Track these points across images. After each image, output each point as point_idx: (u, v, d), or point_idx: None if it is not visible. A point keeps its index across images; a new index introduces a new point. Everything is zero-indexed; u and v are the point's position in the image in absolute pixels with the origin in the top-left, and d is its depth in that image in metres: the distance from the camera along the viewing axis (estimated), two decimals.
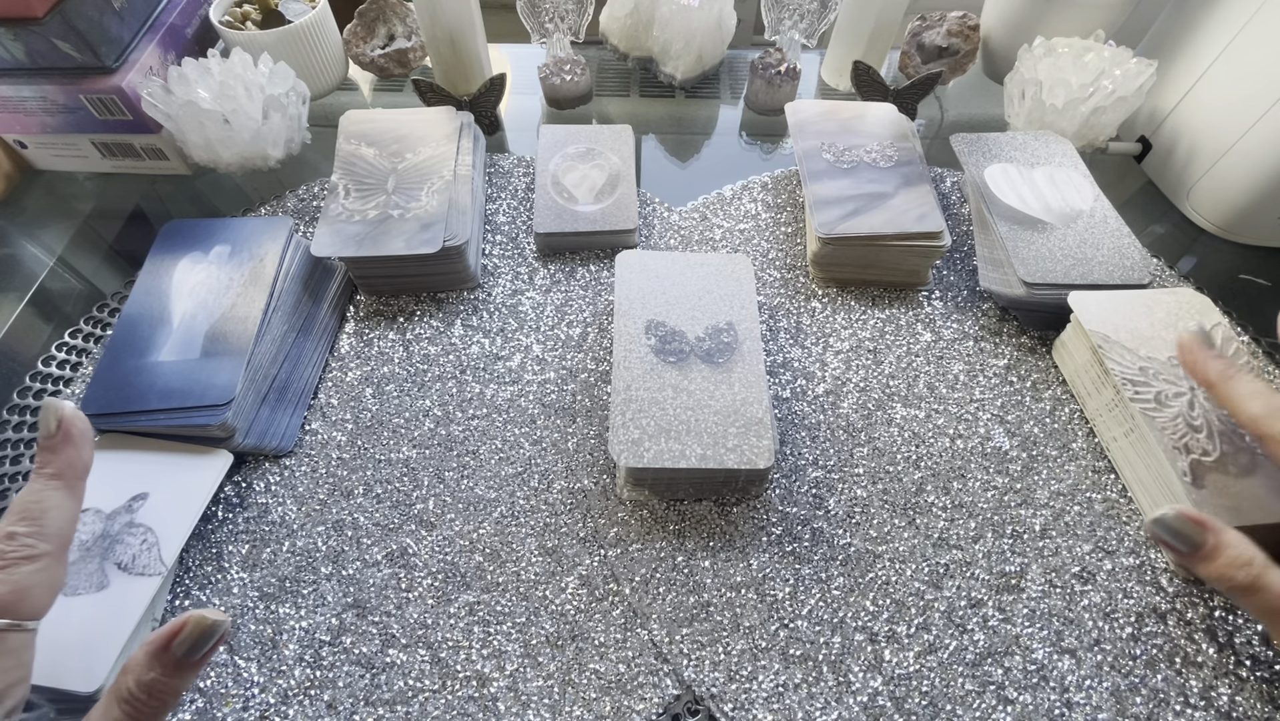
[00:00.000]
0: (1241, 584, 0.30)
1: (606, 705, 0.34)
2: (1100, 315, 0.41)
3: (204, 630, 0.26)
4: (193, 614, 0.26)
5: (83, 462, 0.29)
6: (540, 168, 0.52)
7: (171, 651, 0.25)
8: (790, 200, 0.55)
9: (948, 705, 0.34)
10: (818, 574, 0.37)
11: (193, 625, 0.25)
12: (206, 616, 0.26)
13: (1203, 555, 0.31)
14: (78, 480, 0.29)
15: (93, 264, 0.53)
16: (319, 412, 0.43)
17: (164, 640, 0.25)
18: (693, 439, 0.37)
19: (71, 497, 0.28)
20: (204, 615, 0.26)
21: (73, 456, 0.28)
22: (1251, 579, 0.30)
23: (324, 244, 0.45)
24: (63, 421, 0.28)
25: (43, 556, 0.26)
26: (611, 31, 0.65)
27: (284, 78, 0.52)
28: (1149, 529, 0.32)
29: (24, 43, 0.48)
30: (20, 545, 0.26)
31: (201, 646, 0.26)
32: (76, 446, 0.29)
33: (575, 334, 0.47)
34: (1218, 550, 0.31)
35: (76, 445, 0.29)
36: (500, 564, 0.38)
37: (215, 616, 0.26)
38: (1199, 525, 0.31)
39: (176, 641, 0.25)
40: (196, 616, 0.26)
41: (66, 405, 0.29)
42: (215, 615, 0.26)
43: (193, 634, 0.25)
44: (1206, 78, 0.51)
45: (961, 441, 0.42)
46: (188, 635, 0.25)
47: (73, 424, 0.29)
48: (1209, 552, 0.31)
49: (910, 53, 0.64)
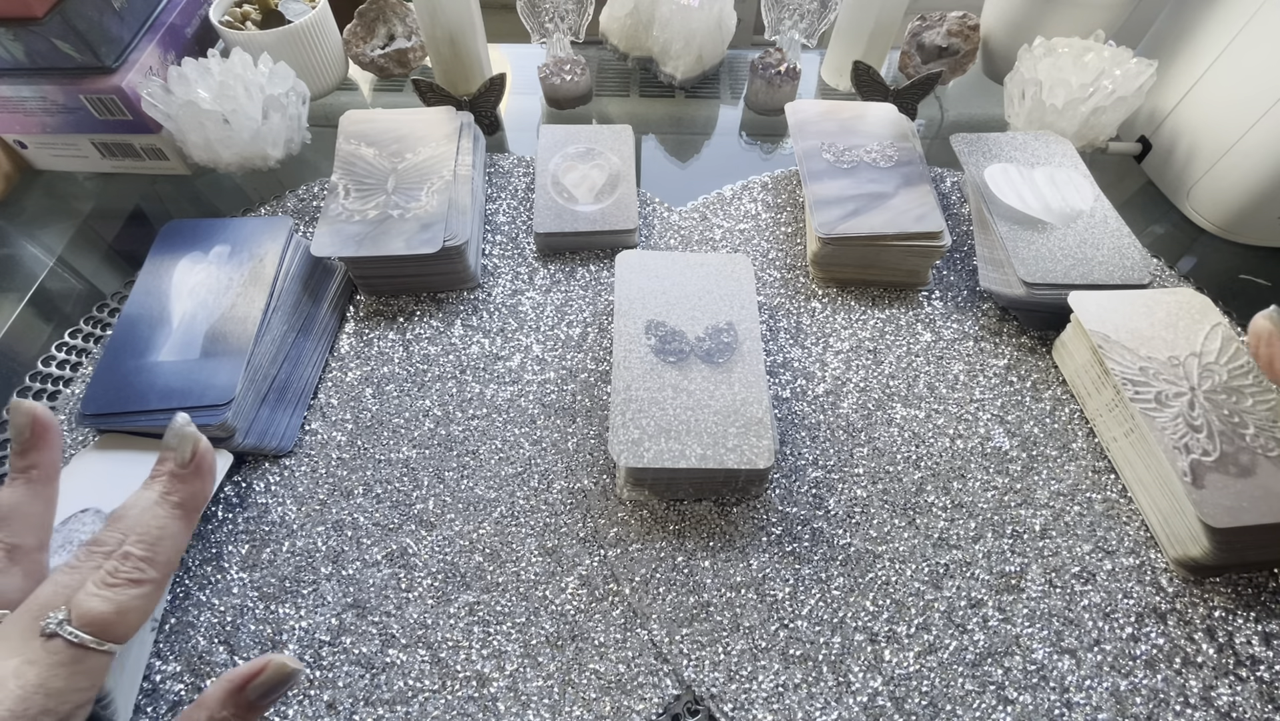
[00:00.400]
0: None
1: (606, 705, 0.34)
2: (1100, 315, 0.41)
3: (283, 676, 0.25)
4: (274, 658, 0.25)
5: (204, 497, 0.29)
6: (540, 168, 0.52)
7: (247, 693, 0.25)
8: (790, 200, 0.55)
9: (948, 705, 0.34)
10: (818, 574, 0.37)
11: (273, 670, 0.25)
12: (287, 664, 0.26)
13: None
14: (196, 513, 0.29)
15: (93, 264, 0.53)
16: (319, 412, 0.43)
17: (241, 680, 0.25)
18: (693, 439, 0.37)
19: (186, 530, 0.28)
20: (285, 662, 0.26)
21: (200, 490, 0.29)
22: None
23: (324, 244, 0.45)
24: (198, 454, 0.28)
25: (148, 584, 0.26)
26: (611, 31, 0.65)
27: (284, 78, 0.52)
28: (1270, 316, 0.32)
29: (24, 43, 0.48)
30: (133, 566, 0.26)
31: (276, 691, 0.26)
32: (204, 482, 0.29)
33: (575, 334, 0.47)
34: None
35: (204, 480, 0.29)
36: (500, 564, 0.38)
37: (295, 665, 0.26)
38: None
39: (253, 685, 0.25)
40: (278, 662, 0.25)
41: (202, 437, 0.29)
42: (295, 663, 0.26)
43: (272, 680, 0.25)
44: (1206, 78, 0.51)
45: (961, 441, 0.42)
46: (266, 680, 0.25)
47: (205, 457, 0.29)
48: None
49: (910, 53, 0.64)
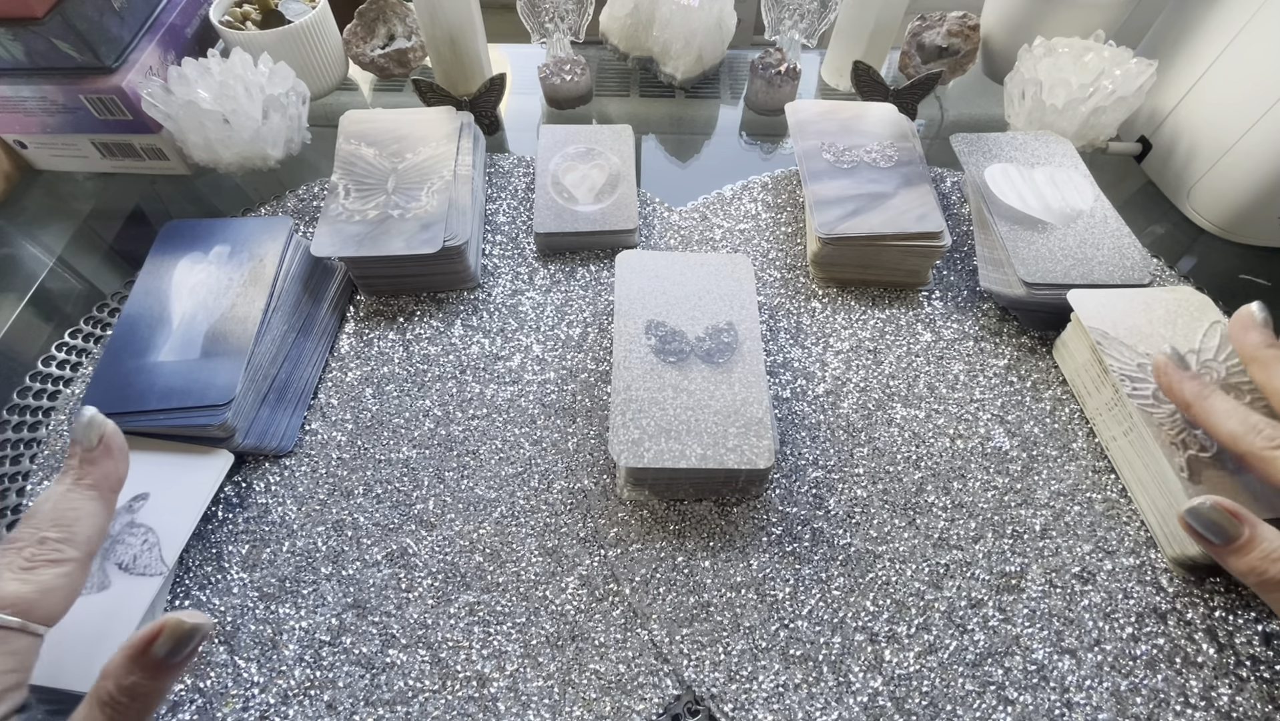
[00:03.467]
0: (1274, 578, 0.29)
1: (606, 705, 0.34)
2: (1099, 312, 0.41)
3: (182, 634, 0.25)
4: (169, 617, 0.25)
5: (119, 476, 0.30)
6: (540, 168, 0.52)
7: (151, 654, 0.25)
8: (790, 200, 0.55)
9: (948, 705, 0.34)
10: (818, 574, 0.37)
11: (170, 629, 0.25)
12: (184, 621, 0.25)
13: (1236, 548, 0.30)
14: (111, 493, 0.30)
15: (93, 264, 0.53)
16: (319, 412, 0.43)
17: (143, 643, 0.25)
18: (693, 439, 0.37)
19: (104, 509, 0.29)
20: (181, 619, 0.25)
21: (111, 469, 0.30)
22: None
23: (324, 244, 0.45)
24: (104, 436, 0.30)
25: (69, 562, 0.27)
26: (611, 31, 0.65)
27: (284, 78, 0.52)
28: (1182, 518, 0.31)
29: (24, 43, 0.48)
30: (50, 549, 0.27)
31: (182, 649, 0.25)
32: (115, 460, 0.30)
33: (575, 334, 0.47)
34: (1252, 543, 0.30)
35: (115, 459, 0.30)
36: (500, 564, 0.38)
37: (193, 620, 0.25)
38: (1234, 517, 0.30)
39: (156, 644, 0.25)
40: (174, 621, 0.25)
41: (108, 421, 0.30)
42: (194, 618, 0.25)
43: (171, 637, 0.25)
44: (1206, 78, 0.51)
45: (962, 441, 0.42)
46: (166, 639, 0.25)
47: (113, 439, 0.30)
48: (1243, 546, 0.30)
49: (910, 53, 0.64)
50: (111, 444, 0.30)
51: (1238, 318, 0.37)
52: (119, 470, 0.30)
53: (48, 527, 0.27)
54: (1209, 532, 0.31)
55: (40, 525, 0.27)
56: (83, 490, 0.29)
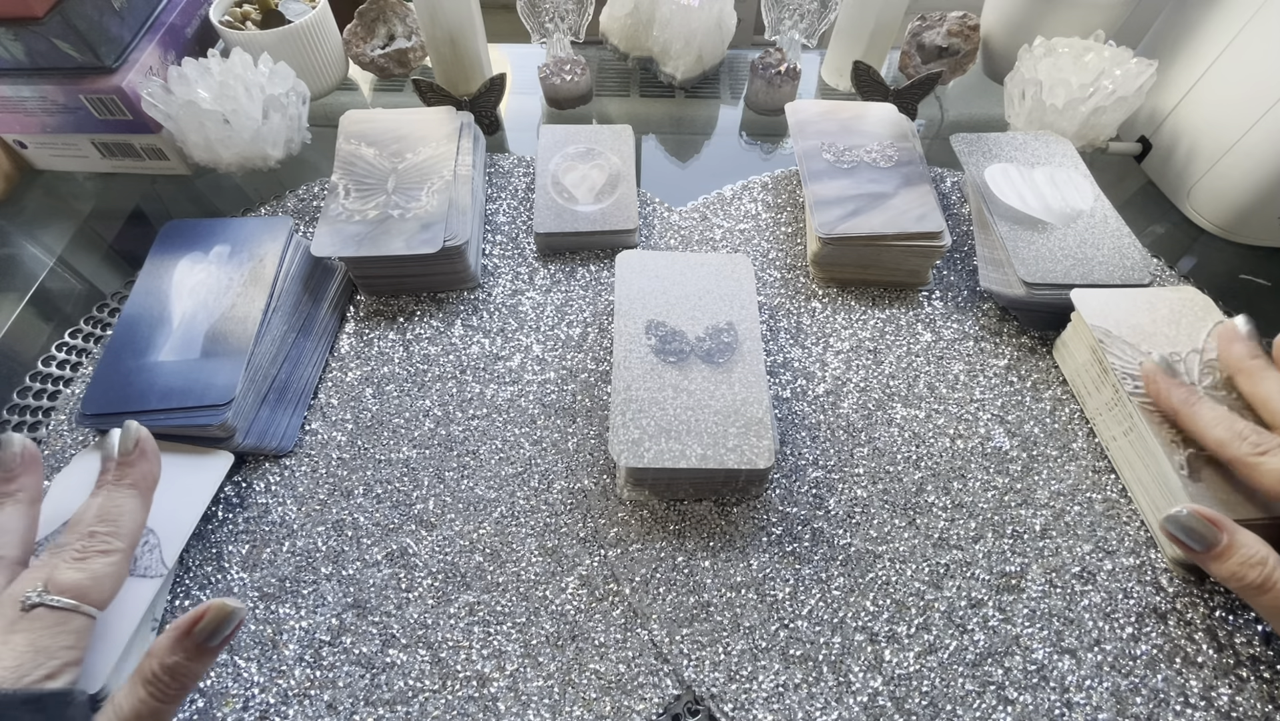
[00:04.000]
0: (1253, 583, 0.30)
1: (606, 705, 0.34)
2: (1102, 311, 0.41)
3: (224, 616, 0.28)
4: (214, 602, 0.28)
5: (154, 475, 0.34)
6: (540, 168, 0.52)
7: (194, 636, 0.27)
8: (790, 200, 0.55)
9: (948, 705, 0.34)
10: (818, 574, 0.37)
11: (214, 612, 0.28)
12: (227, 604, 0.28)
13: (1216, 554, 0.31)
14: (149, 490, 0.33)
15: (93, 264, 0.53)
16: (319, 412, 0.43)
17: (187, 625, 0.28)
18: (693, 439, 0.37)
19: (143, 506, 0.33)
20: (225, 603, 0.28)
21: (147, 470, 0.33)
22: (1264, 578, 0.30)
23: (324, 244, 0.45)
24: (140, 441, 0.33)
25: (116, 552, 0.30)
26: (611, 31, 0.65)
27: (284, 78, 0.52)
28: (1162, 526, 0.33)
29: (24, 43, 0.48)
30: (100, 541, 0.30)
31: (221, 631, 0.28)
32: (150, 462, 0.34)
33: (575, 334, 0.47)
34: (1231, 549, 0.31)
35: (150, 460, 0.34)
36: (500, 564, 0.38)
37: (234, 604, 0.28)
38: (1213, 524, 0.31)
39: (199, 627, 0.28)
40: (218, 604, 0.28)
41: (142, 427, 0.34)
42: (234, 602, 0.28)
43: (215, 620, 0.28)
44: (1206, 78, 0.51)
45: (961, 441, 0.42)
46: (210, 621, 0.28)
47: (147, 442, 0.34)
48: (1222, 551, 0.31)
49: (910, 53, 0.64)
50: (146, 447, 0.34)
51: (1223, 331, 0.38)
52: (154, 470, 0.34)
53: (96, 524, 0.30)
54: (1188, 539, 0.32)
55: (90, 522, 0.30)
56: (124, 489, 0.32)
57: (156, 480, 0.34)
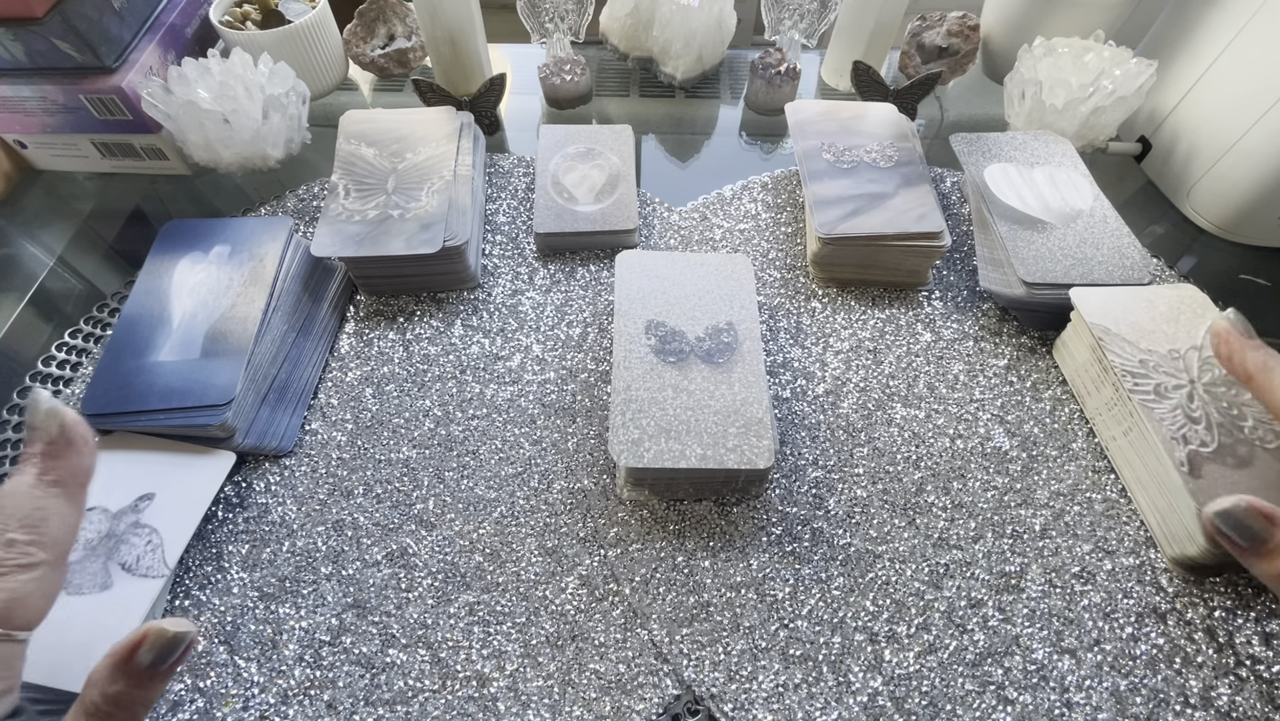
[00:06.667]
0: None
1: (606, 705, 0.34)
2: (1102, 308, 0.41)
3: (165, 641, 0.24)
4: (151, 625, 0.24)
5: (85, 470, 0.27)
6: (540, 168, 0.52)
7: (135, 662, 0.24)
8: (790, 200, 0.55)
9: (948, 705, 0.34)
10: (818, 574, 0.37)
11: (152, 638, 0.24)
12: (166, 629, 0.24)
13: (1266, 550, 0.29)
14: (80, 488, 0.27)
15: (93, 264, 0.53)
16: (319, 412, 0.43)
17: (126, 651, 0.24)
18: (693, 439, 0.37)
19: (73, 506, 0.27)
20: (163, 627, 0.24)
21: (76, 464, 0.27)
22: None
23: (324, 244, 0.45)
24: (65, 426, 0.27)
25: (40, 565, 0.25)
26: (611, 31, 0.65)
27: (284, 78, 0.52)
28: (1209, 519, 0.30)
29: (24, 43, 0.48)
30: (19, 553, 0.25)
31: (168, 656, 0.25)
32: (79, 453, 0.27)
33: (575, 334, 0.47)
34: None
35: (79, 451, 0.27)
36: (500, 564, 0.38)
37: (177, 628, 0.25)
38: (1268, 520, 0.29)
39: (139, 653, 0.24)
40: (156, 629, 0.24)
41: (67, 409, 0.27)
42: (177, 626, 0.25)
43: (153, 646, 0.24)
44: (1206, 78, 0.51)
45: (961, 441, 0.42)
46: (150, 647, 0.24)
47: (74, 429, 0.27)
48: (1273, 549, 0.29)
49: (910, 53, 0.64)
50: (73, 435, 0.27)
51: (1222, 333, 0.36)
52: (85, 463, 0.27)
53: (15, 529, 0.25)
54: (1238, 535, 0.29)
55: (6, 525, 0.25)
56: (47, 488, 0.26)
57: (89, 475, 0.28)
